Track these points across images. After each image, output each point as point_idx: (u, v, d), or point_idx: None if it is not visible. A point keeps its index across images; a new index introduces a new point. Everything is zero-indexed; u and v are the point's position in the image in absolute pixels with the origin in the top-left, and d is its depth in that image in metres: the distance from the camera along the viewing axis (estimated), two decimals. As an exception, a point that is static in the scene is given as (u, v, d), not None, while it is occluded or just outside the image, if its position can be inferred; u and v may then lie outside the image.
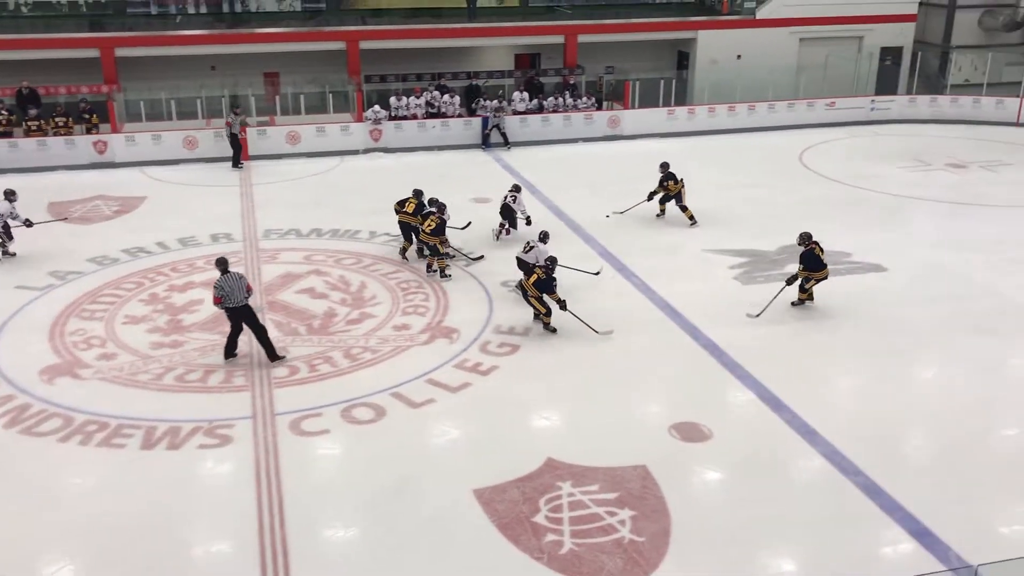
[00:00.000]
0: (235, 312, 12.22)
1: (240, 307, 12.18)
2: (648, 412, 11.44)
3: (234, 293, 12.09)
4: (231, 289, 12.09)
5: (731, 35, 28.71)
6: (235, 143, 23.35)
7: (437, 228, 15.48)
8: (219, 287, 12.11)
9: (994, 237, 17.70)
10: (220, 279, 12.16)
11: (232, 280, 12.13)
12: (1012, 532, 9.12)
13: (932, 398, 11.90)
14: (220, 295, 12.09)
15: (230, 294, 12.08)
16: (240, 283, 12.15)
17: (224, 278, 12.14)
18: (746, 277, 15.70)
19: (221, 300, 12.12)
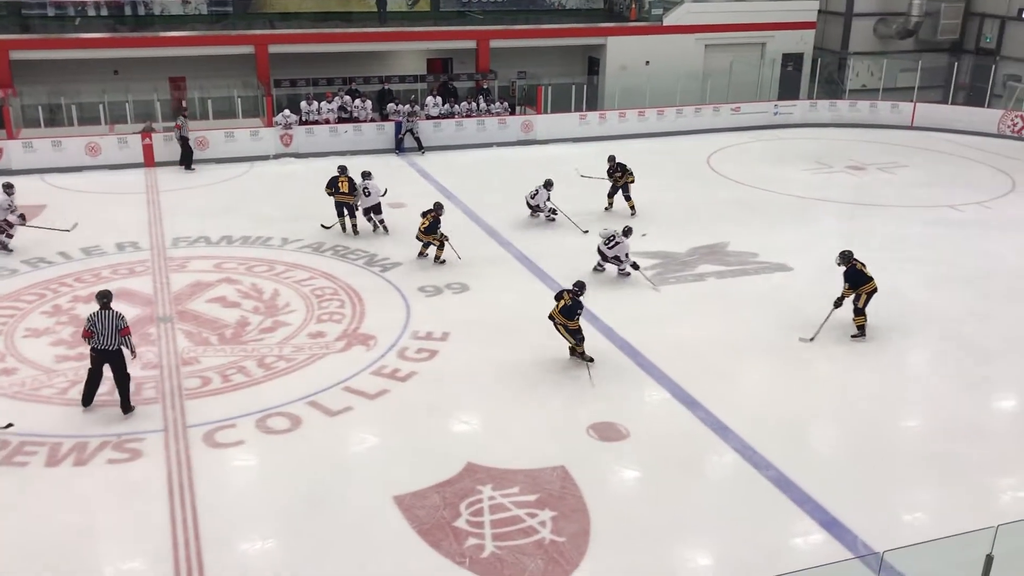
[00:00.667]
0: (101, 355, 11.03)
1: (109, 351, 11.00)
2: (566, 414, 11.55)
3: (106, 334, 10.90)
4: (103, 328, 10.89)
5: (639, 41, 29.22)
6: (185, 146, 23.33)
7: (431, 227, 16.29)
8: (91, 321, 10.96)
9: (893, 236, 18.45)
10: (94, 314, 11.01)
11: (108, 320, 10.93)
12: (914, 519, 9.52)
13: (837, 393, 12.32)
14: (91, 330, 10.93)
15: (101, 333, 10.90)
16: (116, 324, 10.93)
17: (98, 314, 10.96)
18: (659, 279, 15.99)
19: (91, 335, 10.96)
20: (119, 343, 11.00)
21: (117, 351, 11.05)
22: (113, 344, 10.97)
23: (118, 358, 11.11)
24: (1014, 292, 15.60)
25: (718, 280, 16.00)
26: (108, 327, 10.91)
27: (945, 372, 12.94)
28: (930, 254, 17.52)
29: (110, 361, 11.08)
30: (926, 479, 10.29)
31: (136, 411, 11.30)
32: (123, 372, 11.18)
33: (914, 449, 10.97)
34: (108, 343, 10.94)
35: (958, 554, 7.08)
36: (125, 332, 11.04)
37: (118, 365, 11.14)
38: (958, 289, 15.70)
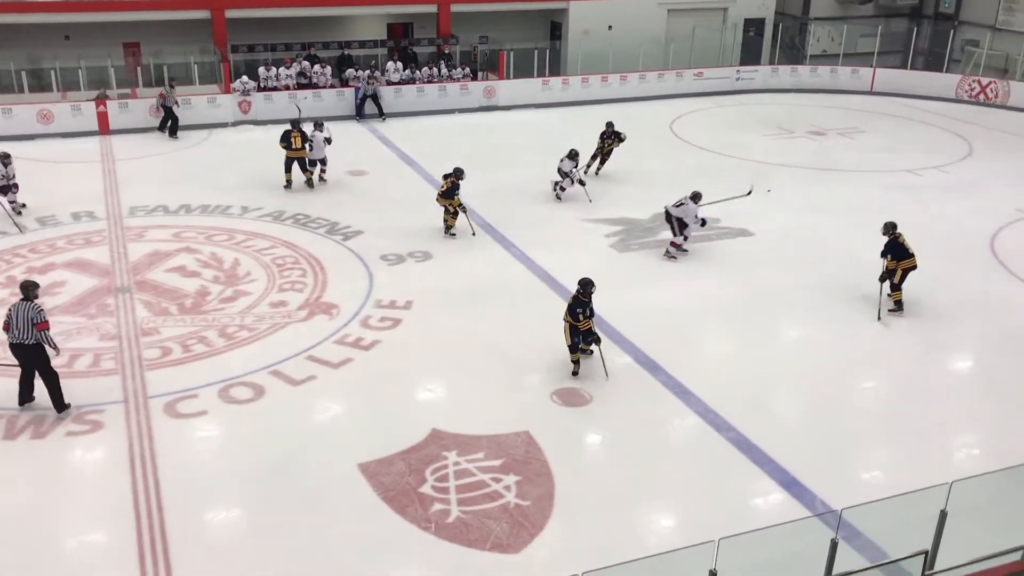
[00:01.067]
0: (17, 350, 10.29)
1: (25, 346, 10.20)
2: (530, 380, 11.58)
3: (22, 327, 10.09)
4: (18, 321, 10.09)
5: (602, 6, 29.04)
6: (169, 113, 23.07)
7: (449, 191, 16.05)
8: (8, 314, 10.29)
9: (852, 201, 18.65)
10: (12, 305, 10.31)
11: (23, 311, 10.12)
12: (872, 477, 9.71)
13: (797, 356, 12.49)
14: (8, 322, 10.25)
15: (16, 327, 10.11)
16: (32, 315, 10.08)
17: (16, 306, 10.22)
18: (622, 245, 16.05)
19: (7, 328, 10.27)
20: (35, 338, 10.17)
21: (35, 346, 10.22)
22: (29, 338, 10.14)
23: (36, 354, 10.29)
24: (971, 255, 15.86)
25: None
26: (23, 320, 10.08)
27: (901, 334, 13.14)
28: (889, 218, 17.66)
29: (27, 357, 10.30)
30: (883, 439, 10.49)
31: (95, 382, 11.16)
32: (46, 369, 10.38)
33: (871, 410, 11.17)
34: (23, 337, 10.14)
35: (914, 511, 7.24)
36: (42, 327, 10.15)
37: (38, 362, 10.35)
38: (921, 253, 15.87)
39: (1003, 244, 16.32)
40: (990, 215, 17.74)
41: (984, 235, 16.72)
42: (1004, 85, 27.30)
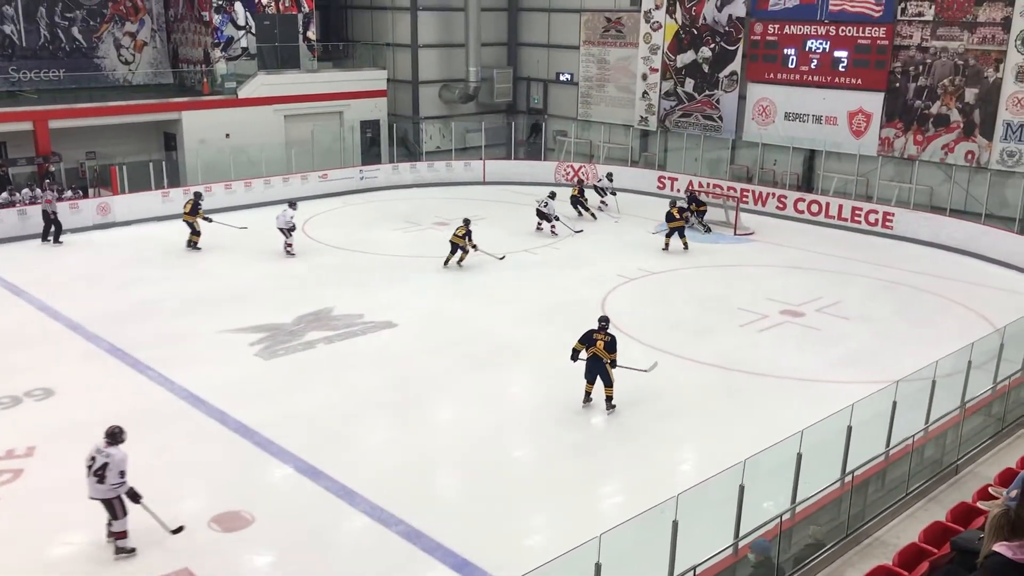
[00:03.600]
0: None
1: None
2: (184, 510, 10.83)
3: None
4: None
5: (216, 114, 28.67)
6: (49, 219, 22.78)
7: (467, 234, 20.88)
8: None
9: (483, 283, 19.94)
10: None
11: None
12: (535, 543, 10.26)
13: (452, 435, 12.95)
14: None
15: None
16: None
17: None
18: (268, 352, 15.70)
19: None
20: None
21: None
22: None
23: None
24: (588, 321, 17.52)
25: (327, 345, 16.10)
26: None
27: (542, 400, 14.16)
28: (515, 294, 19.18)
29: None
30: (540, 502, 11.16)
31: None
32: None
33: (525, 476, 11.85)
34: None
35: (574, 567, 7.74)
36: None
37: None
38: (543, 323, 17.31)
39: (611, 306, 18.28)
40: (599, 282, 19.83)
41: (596, 300, 18.62)
42: (592, 168, 30.91)
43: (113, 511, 9.68)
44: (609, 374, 13.32)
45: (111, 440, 9.67)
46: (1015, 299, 18.56)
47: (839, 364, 15.59)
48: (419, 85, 33.86)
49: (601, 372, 13.30)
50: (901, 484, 9.54)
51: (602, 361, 13.27)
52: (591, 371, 13.39)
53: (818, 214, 25.86)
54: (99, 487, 9.57)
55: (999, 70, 22.93)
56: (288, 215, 21.85)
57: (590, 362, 13.38)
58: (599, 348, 13.27)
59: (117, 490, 9.57)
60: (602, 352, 13.26)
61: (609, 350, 13.26)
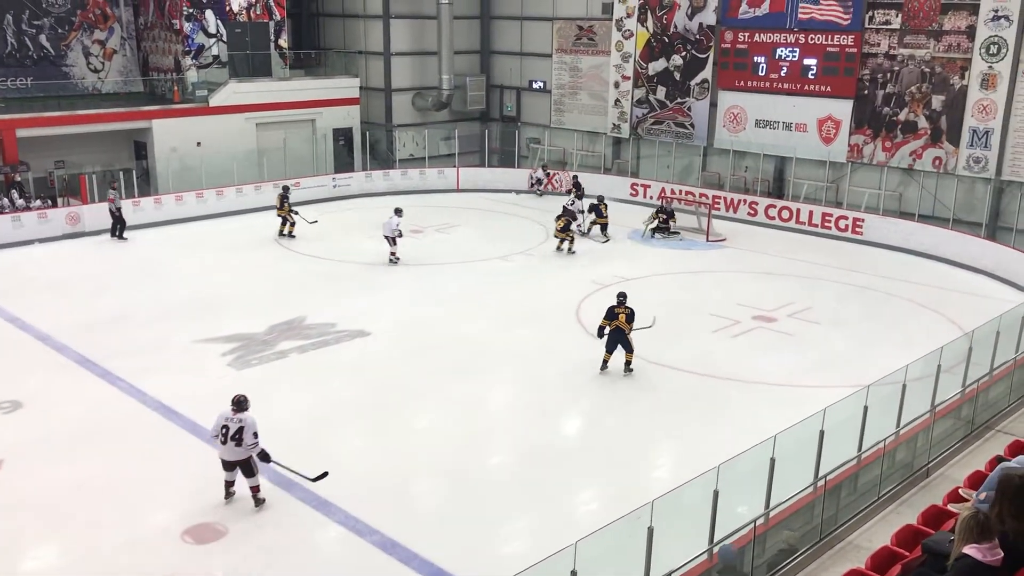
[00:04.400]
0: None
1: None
2: (156, 523, 10.73)
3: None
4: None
5: (187, 123, 28.46)
6: (117, 217, 24.17)
7: (565, 227, 22.85)
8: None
9: (458, 290, 19.93)
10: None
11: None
12: (511, 550, 10.25)
13: (427, 443, 12.92)
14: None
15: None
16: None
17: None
18: (240, 363, 15.59)
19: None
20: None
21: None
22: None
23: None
24: (562, 327, 17.60)
25: (300, 355, 16.01)
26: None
27: (517, 406, 14.18)
28: (490, 301, 19.19)
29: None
30: (517, 509, 11.16)
31: None
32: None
33: (503, 482, 11.84)
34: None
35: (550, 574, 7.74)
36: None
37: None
38: (518, 330, 17.33)
39: (585, 313, 18.33)
40: (573, 289, 19.88)
41: (571, 307, 18.67)
42: (566, 175, 30.99)
43: (249, 469, 10.82)
44: (630, 342, 14.80)
45: (238, 407, 10.74)
46: (982, 303, 18.82)
47: (811, 369, 15.72)
48: (392, 93, 33.79)
49: (622, 341, 14.82)
50: (873, 488, 9.62)
51: (624, 332, 14.74)
52: (613, 342, 14.89)
53: (789, 220, 26.10)
54: (237, 450, 10.68)
55: (964, 77, 23.29)
56: (394, 223, 21.71)
57: (612, 334, 14.86)
58: (621, 321, 14.75)
59: (252, 450, 10.70)
60: (624, 324, 14.75)
61: (629, 321, 14.75)
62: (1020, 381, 12.52)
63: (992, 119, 22.93)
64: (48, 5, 29.39)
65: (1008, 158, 22.95)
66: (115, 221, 24.31)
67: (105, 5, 30.58)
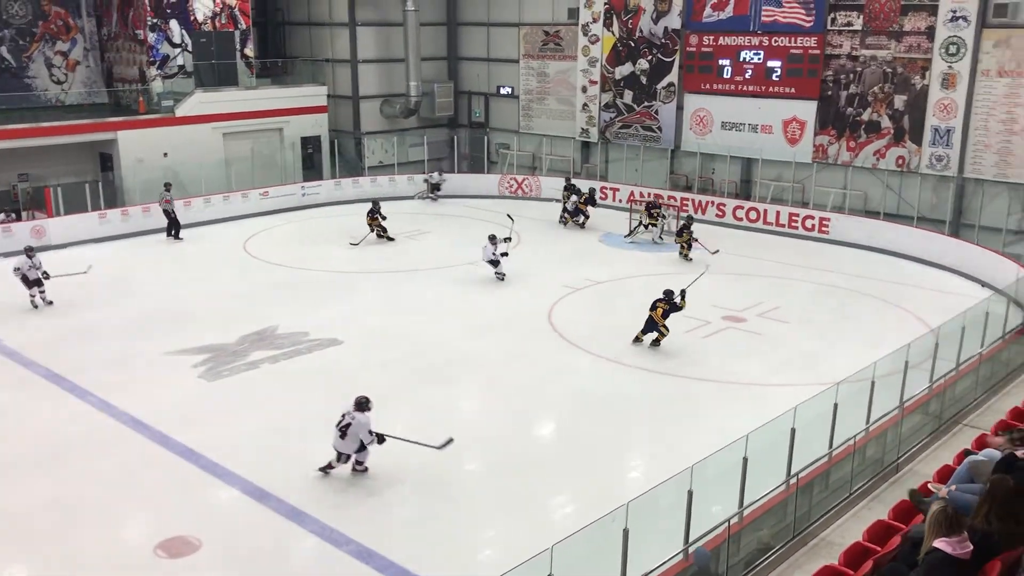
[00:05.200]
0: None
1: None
2: (129, 537, 10.63)
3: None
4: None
5: (153, 133, 28.20)
6: (170, 217, 25.34)
7: (682, 230, 23.22)
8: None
9: (429, 297, 19.91)
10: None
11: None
12: (487, 557, 10.26)
13: (401, 451, 12.85)
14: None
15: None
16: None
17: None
18: (212, 374, 15.47)
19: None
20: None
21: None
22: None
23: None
24: (535, 332, 17.63)
25: (272, 365, 15.92)
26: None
27: (491, 412, 14.18)
28: (461, 308, 19.17)
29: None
30: (492, 515, 11.16)
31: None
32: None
33: (474, 491, 11.84)
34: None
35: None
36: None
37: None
38: (490, 337, 17.34)
39: (558, 318, 18.38)
40: (545, 294, 19.93)
41: (542, 311, 18.71)
42: (535, 180, 31.06)
43: (359, 449, 11.68)
44: (661, 330, 16.45)
45: (357, 407, 11.47)
46: (948, 299, 19.10)
47: (781, 368, 15.87)
48: (360, 100, 33.70)
49: (656, 329, 16.48)
50: (844, 484, 9.74)
51: (655, 321, 16.42)
52: (649, 327, 16.53)
53: (756, 221, 26.34)
54: (340, 441, 11.54)
55: (926, 77, 23.64)
56: (489, 251, 20.90)
57: (648, 321, 16.48)
58: (657, 314, 16.35)
59: (349, 449, 11.55)
60: (658, 318, 16.38)
61: (664, 317, 16.35)
62: (986, 375, 12.73)
63: (953, 118, 23.31)
64: (9, 16, 29.06)
65: (969, 156, 23.32)
66: (170, 222, 25.35)
67: (67, 16, 30.28)
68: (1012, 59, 22.24)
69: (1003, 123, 22.66)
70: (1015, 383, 12.14)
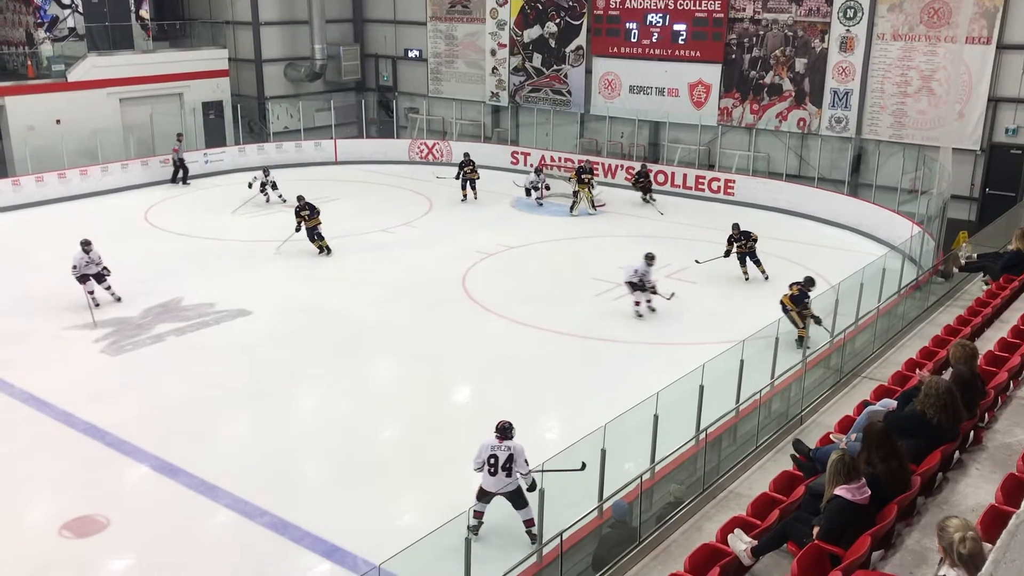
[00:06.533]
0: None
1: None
2: (33, 519, 10.28)
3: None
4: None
5: (44, 99, 26.93)
6: (181, 165, 27.20)
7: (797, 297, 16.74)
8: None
9: (338, 265, 19.65)
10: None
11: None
12: (404, 523, 10.25)
13: (314, 423, 12.76)
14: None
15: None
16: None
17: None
18: (115, 348, 15.00)
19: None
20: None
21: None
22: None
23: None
24: (447, 299, 17.59)
25: (178, 337, 15.52)
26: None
27: (403, 380, 14.14)
28: (373, 276, 18.98)
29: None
30: (407, 482, 11.17)
31: None
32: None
33: (391, 456, 11.83)
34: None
35: (442, 543, 7.81)
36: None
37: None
38: (402, 304, 17.24)
39: (472, 283, 18.38)
40: (458, 259, 19.87)
41: (455, 278, 18.67)
42: (446, 145, 30.84)
43: (521, 500, 9.55)
44: (795, 320, 14.47)
45: (503, 434, 9.61)
46: (847, 256, 19.76)
47: (690, 327, 16.23)
48: (263, 64, 32.80)
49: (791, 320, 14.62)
50: (751, 438, 10.03)
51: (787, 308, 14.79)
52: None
53: (664, 184, 26.71)
54: (508, 480, 9.54)
55: (824, 41, 24.24)
56: (631, 268, 16.66)
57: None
58: (786, 299, 14.89)
59: (524, 479, 9.49)
60: (788, 302, 14.80)
61: (795, 302, 14.69)
62: (883, 329, 13.23)
63: (851, 80, 24.00)
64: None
65: (867, 118, 24.09)
66: (176, 168, 27.18)
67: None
68: (906, 23, 22.98)
69: (897, 85, 23.44)
70: (910, 336, 12.66)
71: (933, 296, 14.76)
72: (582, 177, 24.43)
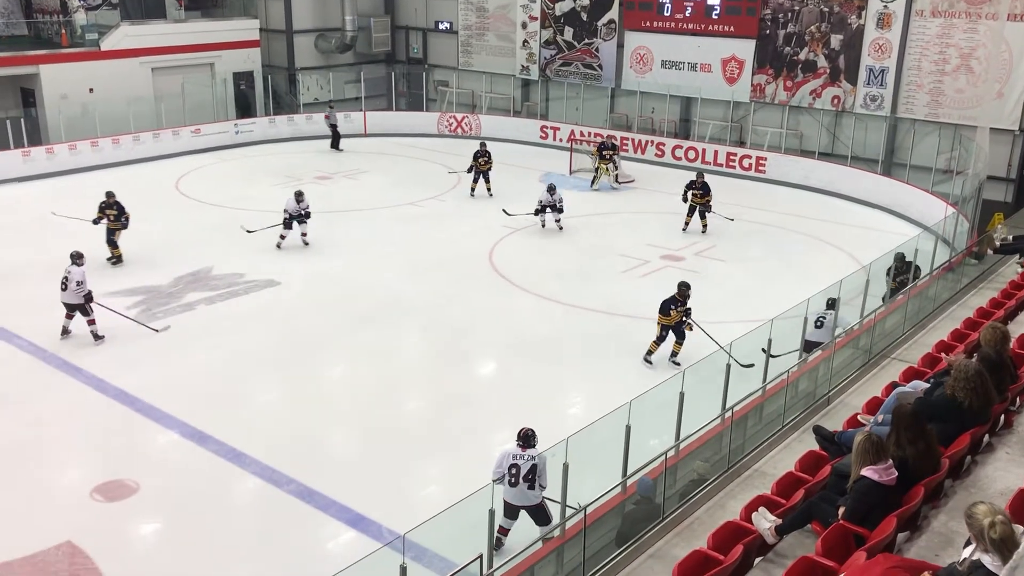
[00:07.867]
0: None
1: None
2: (65, 482, 10.48)
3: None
4: None
5: (78, 68, 27.14)
6: (334, 131, 28.79)
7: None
8: None
9: (368, 236, 19.71)
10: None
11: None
12: (428, 494, 10.33)
13: (341, 393, 12.87)
14: None
15: None
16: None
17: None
18: (146, 316, 15.16)
19: None
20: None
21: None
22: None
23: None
24: (474, 273, 17.61)
25: (208, 306, 15.66)
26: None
27: (432, 351, 14.21)
28: (401, 249, 19.03)
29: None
30: (432, 453, 11.24)
31: None
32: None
33: (413, 429, 11.90)
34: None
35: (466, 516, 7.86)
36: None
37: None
38: (430, 277, 17.27)
39: (499, 258, 18.37)
40: (485, 234, 19.86)
41: (483, 252, 18.67)
42: (475, 119, 30.73)
43: (544, 516, 8.85)
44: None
45: (526, 443, 8.89)
46: (878, 236, 19.54)
47: (718, 305, 16.09)
48: (293, 35, 32.78)
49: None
50: (778, 417, 9.99)
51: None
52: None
53: (695, 160, 26.48)
54: (531, 493, 8.79)
55: (861, 17, 23.82)
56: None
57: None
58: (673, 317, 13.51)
59: (536, 500, 8.85)
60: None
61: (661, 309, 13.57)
62: (913, 311, 13.09)
63: (888, 58, 23.59)
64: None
65: (903, 96, 23.70)
66: (334, 135, 28.70)
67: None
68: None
69: (935, 63, 23.02)
70: (941, 318, 12.51)
71: (966, 278, 14.57)
72: (603, 153, 24.29)
